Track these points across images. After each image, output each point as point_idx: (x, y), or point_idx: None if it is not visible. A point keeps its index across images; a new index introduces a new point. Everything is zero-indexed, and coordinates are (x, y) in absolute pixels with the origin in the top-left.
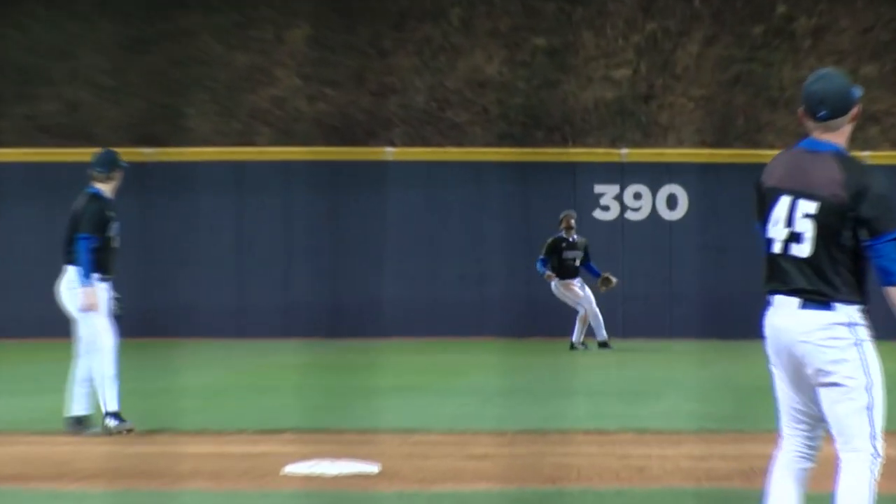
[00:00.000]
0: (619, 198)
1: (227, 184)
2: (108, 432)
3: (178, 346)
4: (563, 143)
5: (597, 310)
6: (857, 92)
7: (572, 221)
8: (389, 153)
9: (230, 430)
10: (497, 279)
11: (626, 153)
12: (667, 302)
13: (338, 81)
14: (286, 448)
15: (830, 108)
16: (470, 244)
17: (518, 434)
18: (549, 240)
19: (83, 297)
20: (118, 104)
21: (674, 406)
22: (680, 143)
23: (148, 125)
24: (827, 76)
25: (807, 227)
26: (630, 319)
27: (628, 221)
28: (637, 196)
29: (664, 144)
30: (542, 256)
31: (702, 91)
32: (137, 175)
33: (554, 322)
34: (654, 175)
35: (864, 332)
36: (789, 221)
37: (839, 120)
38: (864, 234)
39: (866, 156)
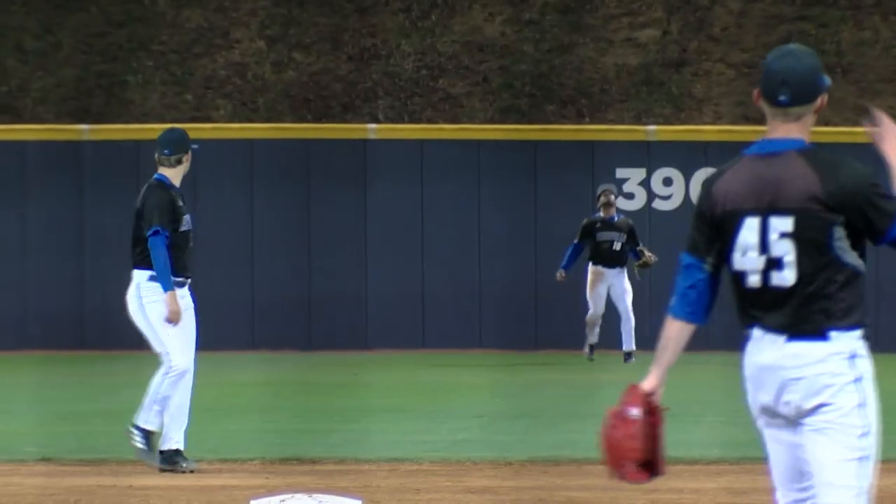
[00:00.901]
0: (645, 183)
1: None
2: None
3: (122, 360)
4: (579, 118)
5: (631, 313)
6: (827, 80)
7: (612, 197)
8: (372, 130)
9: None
10: (498, 281)
11: (653, 130)
12: None
13: (309, 44)
14: (252, 480)
15: (794, 93)
16: (467, 239)
17: (524, 464)
18: (584, 221)
19: (168, 303)
20: (47, 72)
21: (711, 431)
22: (718, 119)
23: (83, 97)
24: (794, 53)
25: (786, 250)
26: (659, 328)
27: (656, 211)
28: (667, 181)
29: (699, 120)
30: (574, 241)
31: (744, 56)
32: (71, 156)
33: (565, 333)
34: (688, 156)
35: (865, 366)
36: (763, 247)
37: (803, 108)
38: (871, 235)
39: None
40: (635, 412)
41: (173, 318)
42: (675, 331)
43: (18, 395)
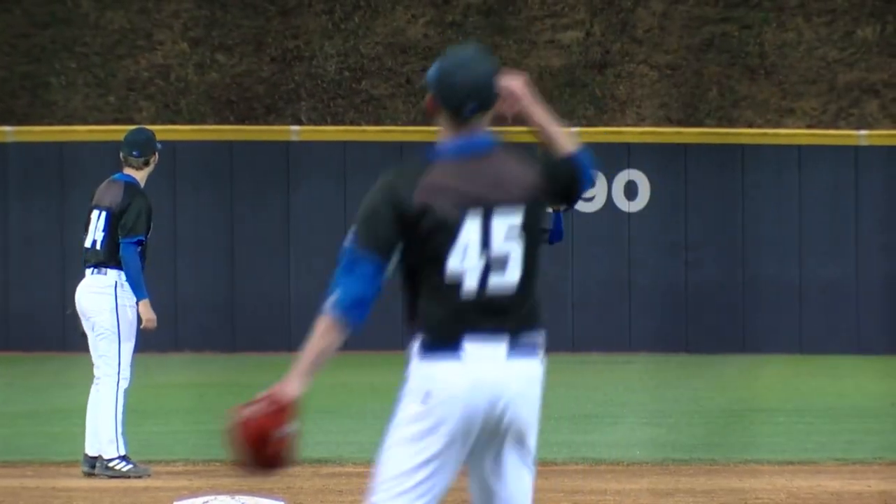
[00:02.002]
0: None
1: (100, 169)
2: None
3: (47, 361)
4: (502, 120)
5: None
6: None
7: None
8: (294, 132)
9: None
10: None
11: (576, 132)
12: (624, 308)
13: (232, 46)
14: (175, 481)
15: (481, 103)
16: None
17: None
18: None
19: (143, 311)
20: None
21: (633, 432)
22: (641, 121)
23: (7, 99)
24: (474, 61)
25: (512, 248)
26: (581, 330)
27: (579, 213)
28: None
29: (622, 122)
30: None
31: (667, 58)
32: None
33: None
34: (610, 158)
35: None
36: (485, 244)
37: (486, 116)
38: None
39: (863, 135)
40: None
41: (151, 326)
42: (337, 332)
43: None
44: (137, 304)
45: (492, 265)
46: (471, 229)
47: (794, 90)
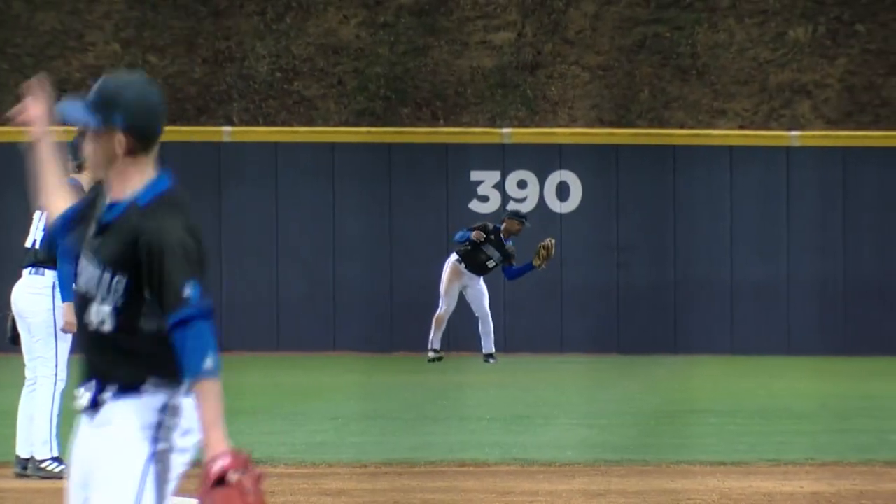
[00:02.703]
0: (499, 186)
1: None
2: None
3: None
4: (434, 121)
5: (489, 315)
6: None
7: (521, 227)
8: (226, 133)
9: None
10: (354, 284)
11: (508, 133)
12: (556, 309)
13: (163, 47)
14: None
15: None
16: (322, 242)
17: (381, 466)
18: (485, 223)
19: (66, 314)
20: None
21: (565, 433)
22: (573, 122)
23: None
24: (139, 81)
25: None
26: (513, 330)
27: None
28: (521, 184)
29: (554, 123)
30: (466, 230)
31: (599, 59)
32: None
33: (420, 335)
34: (542, 159)
35: None
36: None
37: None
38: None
39: (795, 136)
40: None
41: (71, 329)
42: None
43: None
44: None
45: None
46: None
47: (726, 91)
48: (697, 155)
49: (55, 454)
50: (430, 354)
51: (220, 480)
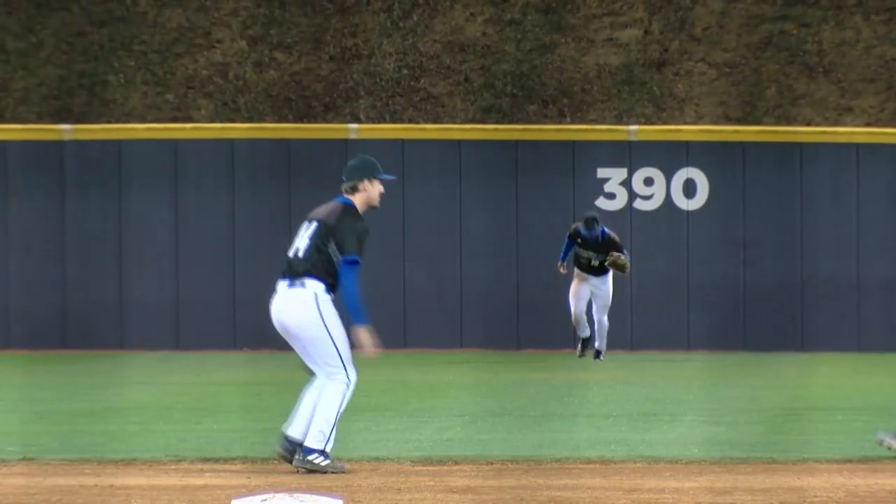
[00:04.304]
0: (626, 183)
1: (160, 167)
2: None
3: (104, 359)
4: (561, 118)
5: (606, 319)
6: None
7: (595, 223)
8: (353, 130)
9: (166, 460)
10: (481, 282)
11: (635, 130)
12: (682, 307)
13: (291, 44)
14: (233, 479)
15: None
16: (448, 240)
17: (507, 463)
18: (571, 228)
19: (366, 339)
20: (29, 72)
21: (691, 431)
22: (699, 119)
23: (65, 97)
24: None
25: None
26: (640, 328)
27: (638, 211)
28: (648, 181)
29: (680, 120)
30: (566, 239)
31: (726, 56)
32: (53, 156)
33: (545, 331)
34: (669, 156)
35: None
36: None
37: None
38: None
39: None
40: None
41: (372, 354)
42: None
43: (0, 395)
44: (358, 327)
45: None
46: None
47: (853, 88)
48: (824, 152)
49: (326, 448)
50: (579, 352)
51: None
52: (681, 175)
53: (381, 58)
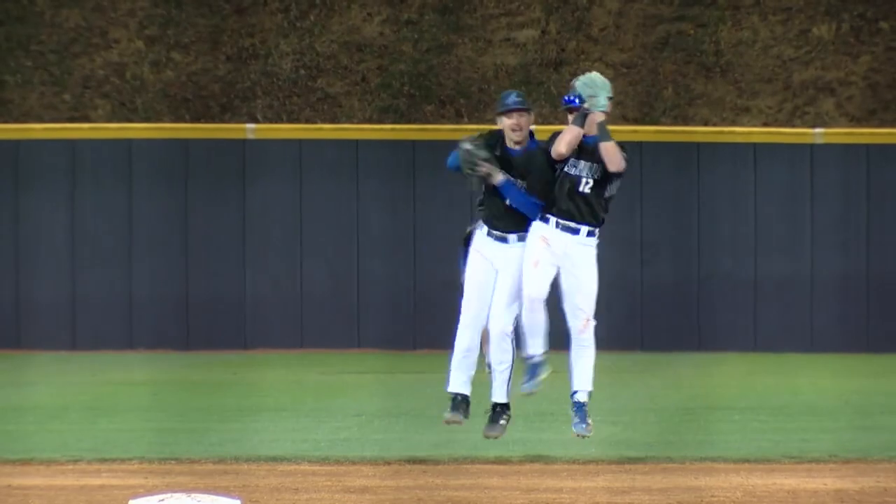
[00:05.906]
0: None
1: (57, 167)
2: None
3: (0, 359)
4: (458, 118)
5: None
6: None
7: None
8: (250, 130)
9: (64, 459)
10: (377, 281)
11: (533, 130)
12: None
13: (188, 44)
14: (131, 479)
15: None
16: (346, 239)
17: (404, 464)
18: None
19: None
20: None
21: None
22: None
23: None
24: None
25: None
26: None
27: None
28: None
29: None
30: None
31: (623, 56)
32: None
33: (442, 331)
34: None
35: None
36: None
37: None
38: None
39: (819, 133)
40: None
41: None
42: None
43: None
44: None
45: None
46: None
47: (750, 88)
48: (721, 152)
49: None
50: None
51: None
52: None
53: (278, 58)
